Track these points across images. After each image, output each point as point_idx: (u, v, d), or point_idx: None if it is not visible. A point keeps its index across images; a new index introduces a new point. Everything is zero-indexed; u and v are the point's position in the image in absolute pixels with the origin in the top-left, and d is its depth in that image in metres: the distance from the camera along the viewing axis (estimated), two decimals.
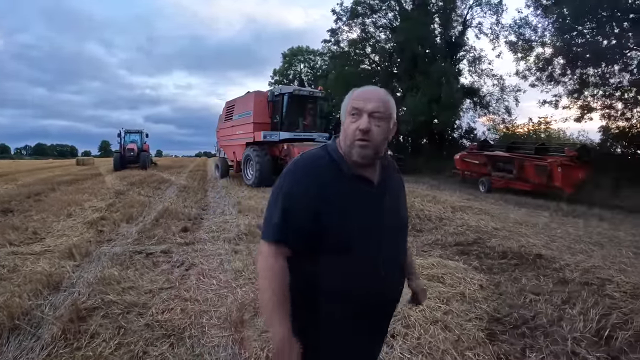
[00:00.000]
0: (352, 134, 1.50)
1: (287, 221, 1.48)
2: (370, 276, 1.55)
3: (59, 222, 8.07)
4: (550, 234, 7.54)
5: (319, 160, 1.56)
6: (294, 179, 1.53)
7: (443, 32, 28.15)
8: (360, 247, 1.52)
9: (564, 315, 3.93)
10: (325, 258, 1.51)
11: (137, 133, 29.75)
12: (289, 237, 1.49)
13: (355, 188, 1.53)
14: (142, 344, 3.28)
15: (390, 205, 1.62)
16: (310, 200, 1.46)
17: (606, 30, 17.39)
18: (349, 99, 1.56)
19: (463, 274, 5.10)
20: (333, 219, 1.48)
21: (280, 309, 1.46)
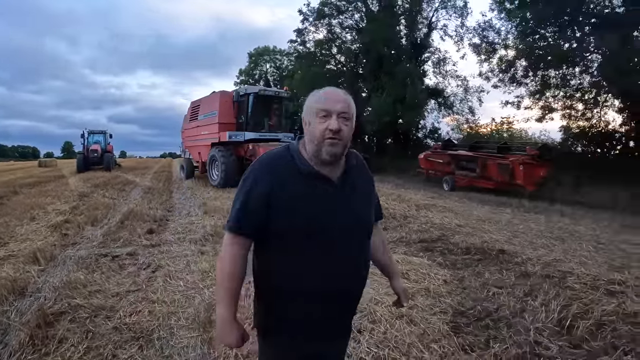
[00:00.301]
0: (321, 133, 1.56)
1: (244, 213, 1.59)
2: (335, 273, 1.61)
3: (22, 226, 7.91)
4: (512, 229, 7.77)
5: (279, 158, 1.64)
6: (254, 175, 1.62)
7: (408, 33, 28.56)
8: (311, 245, 1.58)
9: (526, 307, 4.07)
10: (278, 253, 1.61)
11: (100, 134, 29.09)
12: (245, 228, 1.60)
13: (311, 186, 1.59)
14: (111, 347, 3.29)
15: (350, 204, 1.66)
16: (266, 195, 1.55)
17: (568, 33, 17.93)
18: (315, 101, 1.62)
19: (427, 270, 5.23)
20: (283, 215, 1.56)
21: (228, 293, 1.59)
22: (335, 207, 1.62)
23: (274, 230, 1.58)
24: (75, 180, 18.63)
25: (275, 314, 1.66)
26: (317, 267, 1.59)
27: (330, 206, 1.61)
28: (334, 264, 1.61)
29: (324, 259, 1.59)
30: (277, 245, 1.61)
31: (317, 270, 1.59)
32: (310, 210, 1.57)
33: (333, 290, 1.63)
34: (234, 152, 15.16)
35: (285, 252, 1.60)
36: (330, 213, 1.60)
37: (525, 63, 20.32)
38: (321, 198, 1.60)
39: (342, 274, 1.64)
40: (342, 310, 1.75)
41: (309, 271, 1.59)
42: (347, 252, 1.66)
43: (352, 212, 1.67)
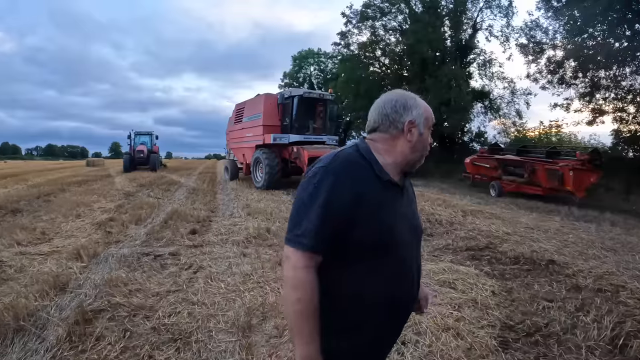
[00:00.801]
0: (425, 147, 1.58)
1: (322, 227, 1.37)
2: (406, 281, 1.55)
3: (68, 222, 8.07)
4: (562, 239, 7.44)
5: (356, 162, 1.49)
6: (333, 181, 1.41)
7: (453, 34, 28.00)
8: (388, 257, 1.46)
9: (577, 322, 3.85)
10: (352, 267, 1.45)
11: (147, 135, 29.85)
12: (323, 245, 1.39)
13: (387, 191, 1.49)
14: (148, 348, 3.23)
15: (412, 211, 1.63)
16: (349, 205, 1.38)
17: (617, 32, 17.20)
18: (427, 109, 1.59)
19: (475, 280, 5.01)
20: (366, 227, 1.40)
21: (308, 325, 1.37)
22: (404, 215, 1.56)
23: (354, 245, 1.41)
24: (121, 180, 19.10)
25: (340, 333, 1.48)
26: (392, 279, 1.49)
27: (401, 215, 1.54)
28: (405, 274, 1.55)
29: (398, 271, 1.51)
30: (351, 259, 1.44)
31: (392, 282, 1.49)
32: (390, 220, 1.47)
33: (403, 302, 1.56)
34: (278, 154, 15.16)
35: (362, 262, 1.44)
36: (402, 218, 1.53)
37: (574, 63, 19.58)
38: (396, 207, 1.52)
39: (411, 284, 1.58)
40: (404, 321, 1.68)
41: (384, 284, 1.47)
42: (414, 261, 1.60)
43: (414, 219, 1.64)
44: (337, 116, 19.26)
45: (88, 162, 39.94)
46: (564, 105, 20.83)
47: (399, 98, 1.57)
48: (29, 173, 24.45)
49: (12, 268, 5.17)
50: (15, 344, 3.29)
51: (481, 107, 28.85)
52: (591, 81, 19.20)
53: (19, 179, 18.86)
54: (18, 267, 5.22)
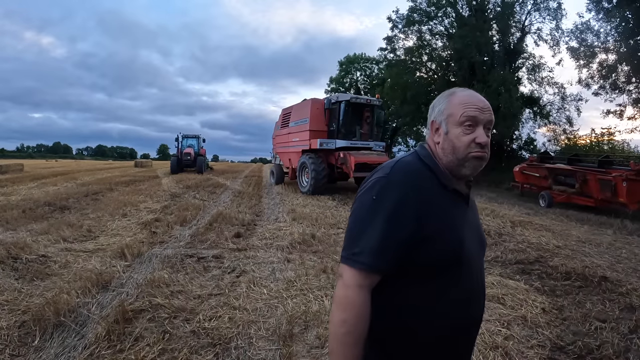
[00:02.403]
0: (465, 146, 1.33)
1: (387, 245, 1.24)
2: (468, 299, 1.36)
3: (114, 221, 8.22)
4: (615, 254, 7.08)
5: (418, 171, 1.36)
6: (397, 193, 1.28)
7: (501, 38, 27.36)
8: (457, 274, 1.32)
9: (631, 345, 3.64)
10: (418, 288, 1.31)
11: (194, 138, 30.50)
12: (386, 263, 1.25)
13: (454, 202, 1.37)
14: (187, 352, 3.17)
15: (477, 223, 1.51)
16: (416, 219, 1.25)
17: None
18: (455, 104, 1.37)
19: (524, 295, 4.78)
20: (438, 239, 1.28)
21: (350, 351, 1.22)
22: (470, 226, 1.42)
23: (422, 263, 1.28)
24: (168, 181, 19.49)
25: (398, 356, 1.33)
26: (464, 298, 1.34)
27: (467, 226, 1.40)
28: (475, 291, 1.40)
29: (467, 289, 1.36)
30: (418, 276, 1.30)
31: (462, 300, 1.34)
32: (459, 233, 1.33)
33: (471, 322, 1.41)
34: (325, 159, 15.09)
35: (428, 284, 1.30)
36: (468, 234, 1.39)
37: (627, 68, 18.79)
38: (462, 218, 1.39)
39: (479, 303, 1.44)
40: (472, 340, 1.49)
41: (454, 302, 1.32)
42: (481, 277, 1.46)
43: (480, 232, 1.52)
44: (384, 122, 19.05)
45: (136, 163, 41.10)
46: (617, 111, 20.06)
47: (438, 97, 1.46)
48: (79, 172, 25.36)
49: (56, 264, 5.26)
50: (55, 339, 3.31)
51: (530, 113, 28.08)
52: None
53: (69, 178, 19.54)
54: (62, 262, 5.30)
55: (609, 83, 19.93)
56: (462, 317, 1.34)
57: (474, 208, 1.53)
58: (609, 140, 24.02)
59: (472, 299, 1.37)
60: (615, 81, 19.62)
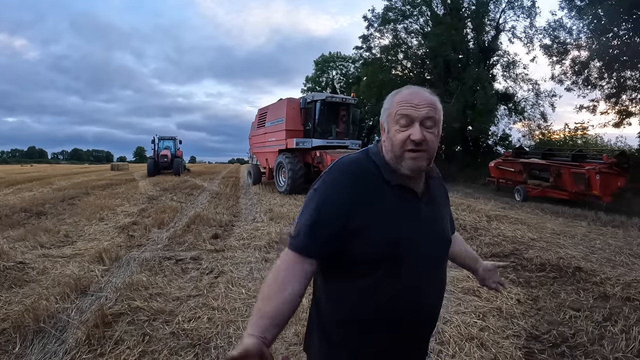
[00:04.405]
0: (400, 144, 1.32)
1: (314, 232, 1.29)
2: (410, 296, 1.36)
3: (91, 226, 8.18)
4: (589, 245, 7.29)
5: (360, 166, 1.39)
6: (331, 184, 1.35)
7: (476, 36, 27.73)
8: (396, 270, 1.33)
9: (605, 333, 3.76)
10: (356, 278, 1.35)
11: (170, 140, 30.32)
12: (314, 250, 1.30)
13: (397, 198, 1.36)
14: (167, 353, 3.21)
15: (434, 221, 1.46)
16: (346, 212, 1.29)
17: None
18: (393, 103, 1.36)
19: None
20: (372, 232, 1.30)
21: (263, 315, 1.22)
22: (421, 225, 1.39)
23: (354, 253, 1.31)
24: (145, 184, 19.34)
25: (343, 347, 1.39)
26: (402, 291, 1.34)
27: (417, 225, 1.38)
28: (419, 288, 1.38)
29: (409, 284, 1.35)
30: (355, 269, 1.34)
31: (401, 296, 1.34)
32: (398, 231, 1.33)
33: (417, 317, 1.40)
34: (301, 159, 15.16)
35: (365, 277, 1.33)
36: (418, 232, 1.37)
37: (599, 64, 19.20)
38: (408, 215, 1.37)
39: (427, 299, 1.42)
40: (421, 337, 1.51)
41: (392, 296, 1.33)
42: (432, 274, 1.44)
43: (436, 230, 1.47)
44: (360, 120, 19.17)
45: (112, 167, 40.70)
46: (590, 107, 20.47)
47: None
48: (55, 176, 24.95)
49: (34, 270, 5.23)
50: (35, 345, 3.31)
51: (505, 110, 28.48)
52: (617, 82, 18.84)
53: (44, 182, 19.25)
54: (40, 269, 5.27)
55: (581, 79, 20.26)
56: (402, 313, 1.35)
57: (436, 205, 1.50)
58: (582, 135, 24.49)
59: (415, 296, 1.37)
60: (588, 77, 19.97)
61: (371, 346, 1.37)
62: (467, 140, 28.51)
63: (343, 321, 1.38)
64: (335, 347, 1.40)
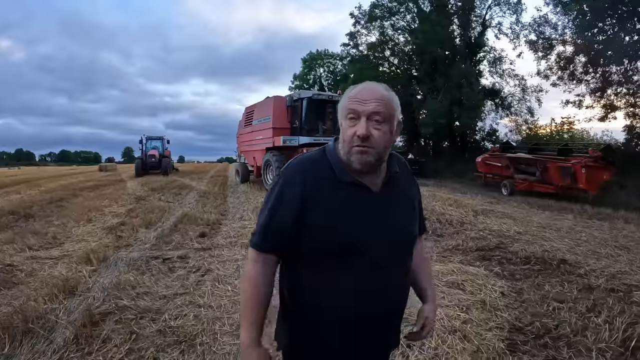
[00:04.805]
0: (349, 139, 1.35)
1: (270, 229, 1.39)
2: (357, 295, 1.39)
3: (79, 227, 8.18)
4: (574, 237, 7.39)
5: (314, 164, 1.44)
6: (283, 184, 1.41)
7: (462, 33, 27.97)
8: (349, 264, 1.37)
9: (588, 324, 3.82)
10: (311, 271, 1.40)
11: (158, 139, 30.09)
12: (271, 246, 1.41)
13: (350, 195, 1.39)
14: (153, 350, 3.26)
15: (393, 217, 1.46)
16: (297, 209, 1.34)
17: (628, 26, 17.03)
18: (345, 99, 1.40)
19: (484, 281, 4.98)
20: (318, 232, 1.35)
21: (250, 315, 1.40)
22: (376, 221, 1.41)
23: (307, 249, 1.37)
24: (133, 184, 19.23)
25: (303, 335, 1.46)
26: (355, 287, 1.38)
27: (371, 221, 1.40)
28: (374, 283, 1.40)
29: (363, 279, 1.38)
30: (309, 262, 1.40)
31: (354, 290, 1.38)
32: (349, 226, 1.36)
33: (372, 312, 1.42)
34: (289, 156, 15.09)
35: (319, 271, 1.39)
36: (371, 228, 1.40)
37: (584, 59, 19.42)
38: (362, 212, 1.39)
39: (383, 295, 1.43)
40: (382, 333, 1.52)
41: (345, 291, 1.38)
42: (389, 271, 1.45)
43: (395, 226, 1.46)
44: None
45: (101, 167, 40.26)
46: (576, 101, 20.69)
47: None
48: (43, 179, 24.68)
49: (22, 272, 5.25)
50: (24, 345, 3.34)
51: (492, 105, 28.72)
52: (602, 76, 19.04)
53: (32, 185, 19.07)
54: (29, 271, 5.30)
55: (567, 74, 20.50)
56: (359, 306, 1.39)
57: (397, 201, 1.50)
58: (568, 130, 24.75)
59: (371, 290, 1.39)
60: (573, 72, 20.19)
61: (329, 337, 1.42)
62: (454, 136, 28.72)
63: (302, 311, 1.44)
64: (296, 335, 1.47)
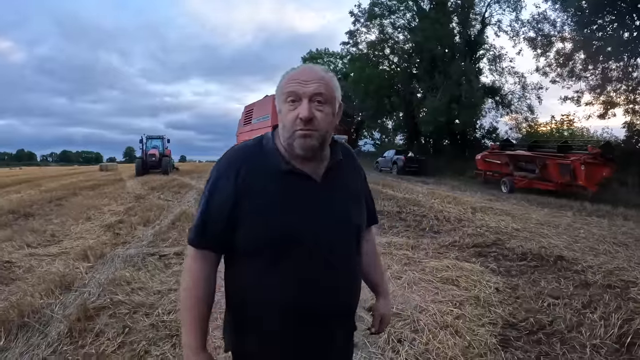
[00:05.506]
0: (291, 123, 1.27)
1: (205, 224, 1.32)
2: (300, 289, 1.31)
3: (78, 225, 8.22)
4: (573, 234, 7.44)
5: (248, 152, 1.37)
6: (216, 176, 1.34)
7: (462, 30, 27.97)
8: (289, 256, 1.30)
9: (584, 320, 3.82)
10: (251, 265, 1.33)
11: (158, 139, 30.13)
12: (208, 242, 1.33)
13: (288, 185, 1.31)
14: (145, 344, 3.31)
15: (336, 205, 1.39)
16: (231, 201, 1.28)
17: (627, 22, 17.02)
18: (284, 82, 1.32)
19: (479, 277, 5.00)
20: (254, 223, 1.29)
21: (193, 317, 1.33)
22: (317, 210, 1.34)
23: (244, 242, 1.31)
24: (133, 183, 19.30)
25: (248, 334, 1.38)
26: (295, 278, 1.31)
27: (311, 210, 1.33)
28: (317, 276, 1.32)
29: (305, 271, 1.31)
30: (249, 256, 1.33)
31: (294, 282, 1.30)
32: (288, 217, 1.29)
33: (317, 306, 1.34)
34: None
35: (258, 264, 1.31)
36: (312, 218, 1.32)
37: (583, 55, 19.42)
38: (301, 201, 1.32)
39: (328, 287, 1.35)
40: (328, 327, 1.42)
41: (287, 285, 1.30)
42: (333, 262, 1.36)
43: (338, 215, 1.38)
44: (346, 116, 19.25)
45: (101, 167, 40.37)
46: (575, 98, 20.68)
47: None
48: (43, 179, 24.78)
49: (20, 269, 5.31)
50: (19, 339, 3.40)
51: (492, 103, 28.72)
52: (601, 73, 19.02)
53: (32, 185, 19.12)
54: (26, 267, 5.35)
55: (566, 71, 20.48)
56: (300, 299, 1.31)
57: (340, 188, 1.43)
58: (568, 127, 24.75)
59: (314, 281, 1.32)
60: (573, 69, 20.16)
61: (272, 333, 1.35)
62: (454, 134, 28.71)
63: (243, 307, 1.37)
64: (241, 334, 1.41)
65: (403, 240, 6.90)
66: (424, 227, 8.18)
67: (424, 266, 5.45)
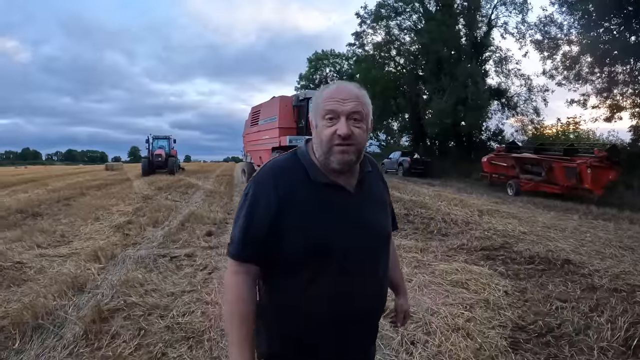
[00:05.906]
0: (328, 139, 1.33)
1: (247, 237, 1.35)
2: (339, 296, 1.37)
3: (87, 225, 8.24)
4: (579, 238, 7.41)
5: (286, 167, 1.41)
6: (256, 190, 1.38)
7: (468, 32, 27.95)
8: (328, 266, 1.35)
9: (591, 323, 3.82)
10: (290, 276, 1.37)
11: (164, 139, 30.23)
12: (250, 255, 1.36)
13: (325, 196, 1.37)
14: (162, 346, 3.30)
15: (369, 215, 1.46)
16: (273, 215, 1.32)
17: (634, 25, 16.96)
18: (320, 99, 1.39)
19: (488, 280, 5.00)
20: (295, 235, 1.33)
21: (237, 329, 1.33)
22: (354, 221, 1.40)
23: (283, 253, 1.34)
24: (140, 183, 19.34)
25: (284, 341, 1.43)
26: (335, 288, 1.36)
27: (348, 221, 1.39)
28: (355, 284, 1.39)
29: (344, 280, 1.37)
30: (288, 267, 1.37)
31: (335, 292, 1.35)
32: (326, 228, 1.35)
33: (353, 312, 1.41)
34: None
35: (296, 275, 1.36)
36: (349, 228, 1.38)
37: (590, 58, 19.38)
38: (338, 212, 1.38)
39: (363, 295, 1.42)
40: (362, 333, 1.51)
41: (325, 294, 1.35)
42: (369, 270, 1.45)
43: (372, 225, 1.46)
44: None
45: (107, 167, 40.46)
46: (581, 101, 20.63)
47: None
48: (50, 178, 24.84)
49: (32, 269, 5.30)
50: (34, 340, 3.39)
51: (498, 105, 28.69)
52: (608, 76, 18.97)
53: (39, 184, 19.17)
54: (38, 268, 5.34)
55: (572, 74, 20.45)
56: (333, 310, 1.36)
57: (371, 199, 1.50)
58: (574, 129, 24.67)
59: (349, 292, 1.37)
60: (579, 72, 20.14)
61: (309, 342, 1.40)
62: (460, 136, 28.69)
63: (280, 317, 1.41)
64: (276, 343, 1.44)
65: (412, 243, 6.89)
66: (432, 229, 8.17)
67: (434, 269, 5.46)
